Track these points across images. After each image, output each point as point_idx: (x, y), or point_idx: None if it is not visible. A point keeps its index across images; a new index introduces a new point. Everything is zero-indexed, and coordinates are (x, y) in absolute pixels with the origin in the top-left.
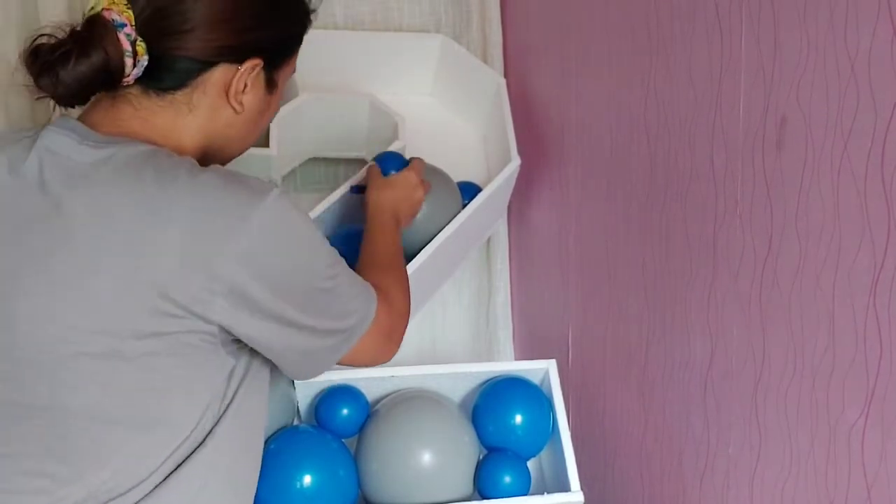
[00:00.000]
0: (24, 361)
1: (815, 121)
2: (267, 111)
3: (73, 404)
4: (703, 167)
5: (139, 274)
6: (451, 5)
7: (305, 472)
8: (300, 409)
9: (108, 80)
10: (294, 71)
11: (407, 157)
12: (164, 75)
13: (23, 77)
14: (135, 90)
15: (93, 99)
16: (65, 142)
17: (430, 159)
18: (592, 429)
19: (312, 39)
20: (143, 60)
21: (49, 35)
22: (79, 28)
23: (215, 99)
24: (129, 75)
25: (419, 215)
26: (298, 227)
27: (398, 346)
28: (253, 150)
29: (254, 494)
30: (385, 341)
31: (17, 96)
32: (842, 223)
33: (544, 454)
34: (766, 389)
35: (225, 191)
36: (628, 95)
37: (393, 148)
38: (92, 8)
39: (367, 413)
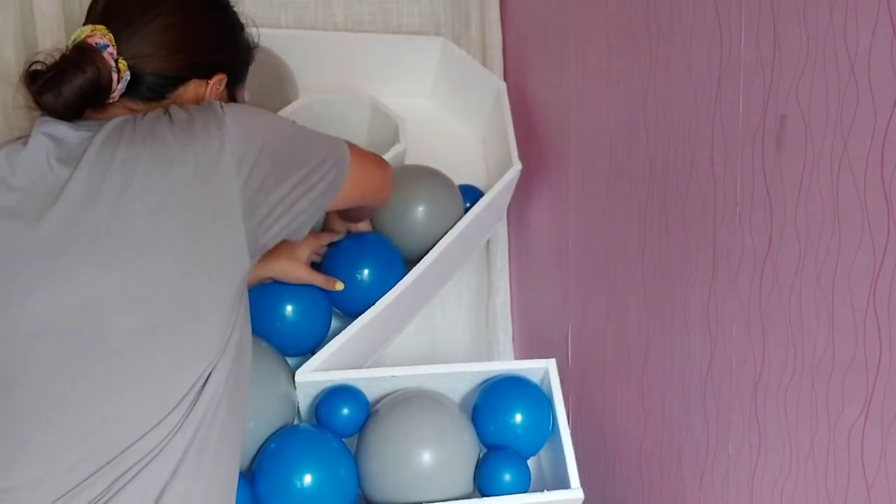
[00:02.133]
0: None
1: (815, 120)
2: None
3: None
4: (702, 167)
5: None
6: (450, 6)
7: (305, 471)
8: (300, 408)
9: (99, 94)
10: (244, 98)
11: (407, 159)
12: (144, 89)
13: (23, 99)
14: (121, 102)
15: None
16: (61, 128)
17: (429, 162)
18: (592, 428)
19: (313, 41)
20: (126, 76)
21: (41, 62)
22: (68, 52)
23: None
24: (115, 90)
25: (421, 218)
26: (254, 109)
27: (390, 177)
28: None
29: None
30: (378, 163)
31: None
32: (841, 222)
33: (544, 453)
34: (765, 388)
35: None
36: (628, 95)
37: (393, 151)
38: (75, 39)
39: (368, 413)
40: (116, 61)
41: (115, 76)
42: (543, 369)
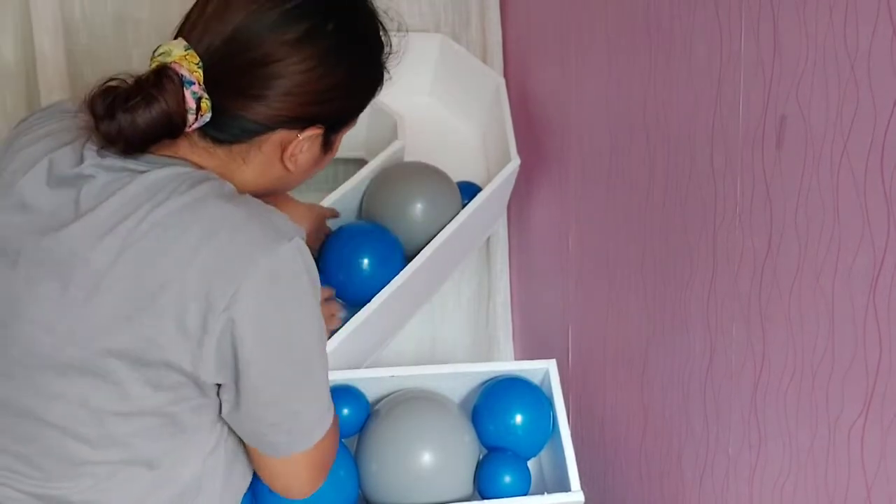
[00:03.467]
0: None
1: (815, 120)
2: (319, 165)
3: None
4: (702, 167)
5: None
6: (450, 5)
7: None
8: None
9: (167, 132)
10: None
11: (406, 156)
12: (225, 130)
13: (86, 120)
14: (194, 134)
15: None
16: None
17: (429, 159)
18: (592, 429)
19: None
20: (206, 117)
21: (120, 79)
22: (143, 77)
23: (270, 156)
24: (190, 127)
25: (420, 215)
26: (303, 285)
27: (315, 487)
28: None
29: None
30: (319, 471)
31: (11, 93)
32: (841, 223)
33: (544, 454)
34: (765, 389)
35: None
36: (628, 95)
37: (391, 147)
38: (160, 55)
39: (367, 413)
40: (199, 100)
41: (191, 117)
42: (544, 370)
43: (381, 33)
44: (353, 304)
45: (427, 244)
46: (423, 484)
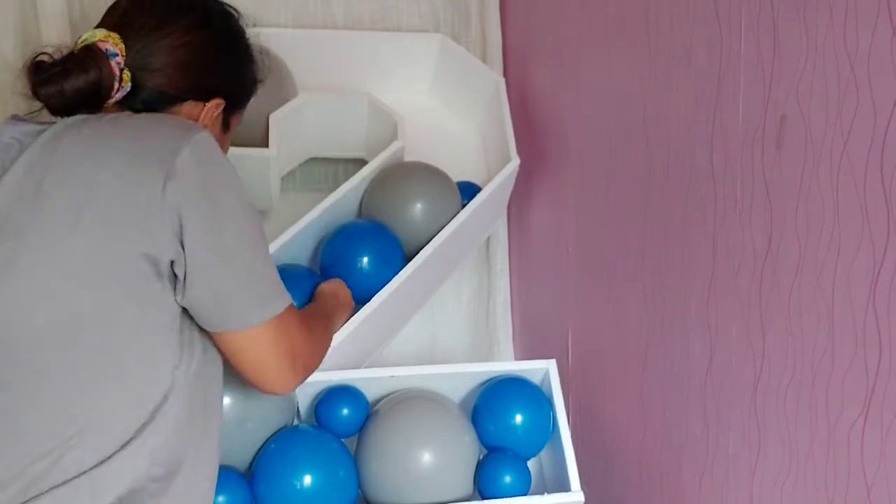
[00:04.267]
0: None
1: (815, 120)
2: (221, 149)
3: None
4: (702, 166)
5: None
6: (450, 5)
7: (305, 472)
8: (300, 409)
9: (97, 97)
10: (238, 123)
11: (406, 156)
12: (139, 101)
13: (22, 86)
14: (114, 107)
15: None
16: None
17: (428, 159)
18: (592, 429)
19: (312, 39)
20: (127, 87)
21: (49, 55)
22: (76, 52)
23: None
24: (113, 97)
25: (420, 215)
26: (225, 162)
27: (300, 379)
28: (252, 151)
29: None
30: (291, 359)
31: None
32: (841, 223)
33: (544, 454)
34: (765, 389)
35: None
36: (628, 95)
37: (392, 148)
38: (86, 39)
39: (367, 413)
40: (122, 70)
41: (116, 84)
42: (544, 370)
43: (251, 46)
44: (355, 302)
45: (427, 244)
46: (422, 484)
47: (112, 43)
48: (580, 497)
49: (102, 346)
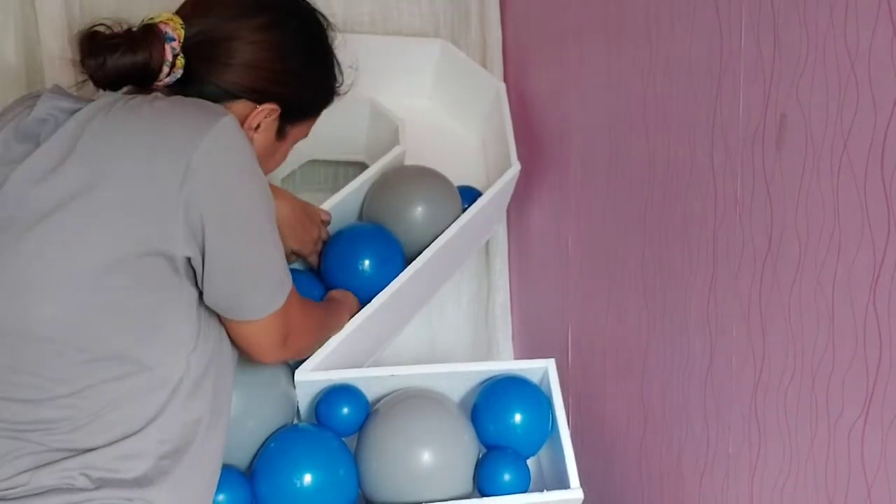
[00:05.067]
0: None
1: (815, 119)
2: (273, 156)
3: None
4: (702, 166)
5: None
6: (450, 6)
7: (305, 471)
8: (300, 408)
9: (143, 78)
10: (306, 136)
11: (406, 160)
12: (192, 91)
13: (71, 54)
14: (163, 92)
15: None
16: (63, 104)
17: (429, 163)
18: (592, 428)
19: None
20: (178, 73)
21: (107, 27)
22: (134, 29)
23: None
24: (161, 80)
25: (420, 218)
26: (245, 152)
27: (289, 354)
28: None
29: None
30: (280, 339)
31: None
32: (842, 222)
33: (543, 453)
34: (765, 389)
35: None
36: (628, 95)
37: (392, 152)
38: (152, 18)
39: (367, 412)
40: (175, 56)
41: (166, 69)
42: (543, 369)
43: (334, 59)
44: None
45: (427, 247)
46: (422, 482)
47: (172, 26)
48: (579, 494)
49: (118, 334)
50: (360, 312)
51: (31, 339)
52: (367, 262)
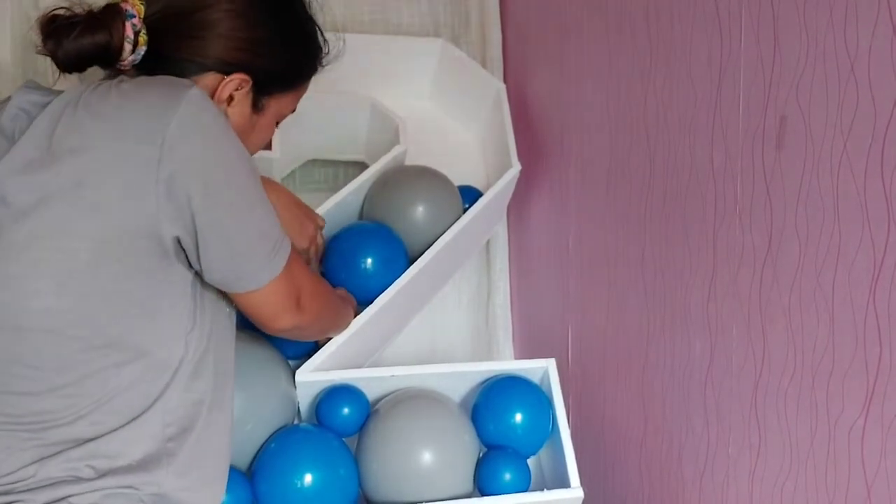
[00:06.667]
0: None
1: (815, 120)
2: (252, 132)
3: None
4: (702, 166)
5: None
6: (449, 6)
7: (306, 471)
8: (300, 408)
9: (106, 58)
10: (293, 110)
11: (407, 160)
12: (158, 68)
13: (35, 37)
14: (131, 73)
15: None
16: (33, 97)
17: (429, 163)
18: (592, 427)
19: None
20: (141, 50)
21: (67, 8)
22: (95, 9)
23: None
24: (125, 59)
25: (420, 219)
26: (218, 121)
27: (306, 317)
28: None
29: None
30: (292, 301)
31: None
32: (841, 222)
33: (544, 452)
34: (765, 389)
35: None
36: (628, 95)
37: (393, 151)
38: None
39: (368, 412)
40: (137, 33)
41: (128, 47)
42: (543, 369)
43: (314, 26)
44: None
45: (428, 248)
46: (423, 482)
47: (132, 2)
48: (580, 493)
49: (114, 320)
50: (362, 313)
51: (27, 331)
52: (370, 261)
